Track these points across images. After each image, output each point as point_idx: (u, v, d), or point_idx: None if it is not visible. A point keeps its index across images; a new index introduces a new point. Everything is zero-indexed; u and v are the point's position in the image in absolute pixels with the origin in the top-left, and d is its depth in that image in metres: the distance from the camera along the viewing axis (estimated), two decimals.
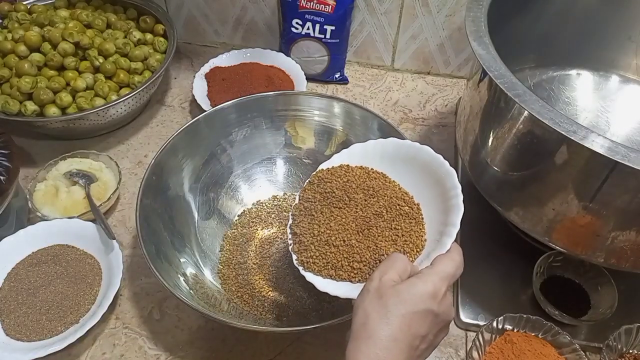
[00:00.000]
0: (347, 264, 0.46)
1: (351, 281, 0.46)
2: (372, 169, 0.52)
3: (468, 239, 0.69)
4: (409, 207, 0.49)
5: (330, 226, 0.48)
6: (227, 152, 0.72)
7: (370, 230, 0.47)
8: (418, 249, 0.46)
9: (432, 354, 0.59)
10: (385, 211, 0.48)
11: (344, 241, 0.47)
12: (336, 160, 0.54)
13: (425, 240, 0.47)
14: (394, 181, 0.51)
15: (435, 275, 0.40)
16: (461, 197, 0.46)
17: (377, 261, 0.45)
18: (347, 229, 0.47)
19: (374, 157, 0.53)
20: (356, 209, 0.48)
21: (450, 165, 0.48)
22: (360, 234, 0.47)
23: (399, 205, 0.48)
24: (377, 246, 0.46)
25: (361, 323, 0.38)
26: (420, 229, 0.48)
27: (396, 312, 0.37)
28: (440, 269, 0.41)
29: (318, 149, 0.68)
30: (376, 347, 0.37)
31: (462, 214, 0.45)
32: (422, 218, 0.48)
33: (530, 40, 0.75)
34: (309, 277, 0.47)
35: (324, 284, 0.46)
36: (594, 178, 0.47)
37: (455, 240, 0.44)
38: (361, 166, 0.52)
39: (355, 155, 0.53)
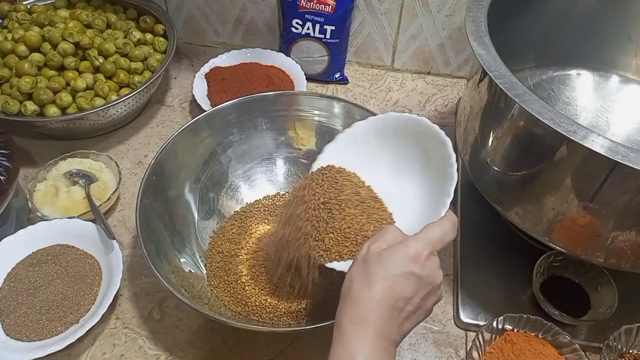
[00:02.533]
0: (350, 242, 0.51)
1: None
2: (337, 167, 0.55)
3: (468, 239, 0.69)
4: (365, 191, 0.53)
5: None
6: (227, 152, 0.72)
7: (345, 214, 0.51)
8: (387, 219, 0.51)
9: (432, 353, 0.60)
10: (348, 199, 0.52)
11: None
12: (326, 157, 0.56)
13: (390, 212, 0.52)
14: (352, 173, 0.55)
15: (418, 240, 0.42)
16: (455, 166, 0.47)
17: (363, 236, 0.50)
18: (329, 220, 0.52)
19: (368, 135, 0.55)
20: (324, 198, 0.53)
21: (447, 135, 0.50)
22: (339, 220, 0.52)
23: (357, 193, 0.53)
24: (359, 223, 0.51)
25: (347, 288, 0.41)
26: (379, 205, 0.52)
27: (377, 275, 0.39)
28: (424, 234, 0.42)
29: (319, 149, 0.68)
30: (358, 308, 0.39)
31: (455, 183, 0.46)
32: (377, 195, 0.53)
33: (530, 40, 0.75)
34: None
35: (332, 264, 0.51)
36: (594, 178, 0.48)
37: (452, 209, 0.46)
38: (322, 167, 0.55)
39: (347, 140, 0.56)
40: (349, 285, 0.41)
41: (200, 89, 0.87)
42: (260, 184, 0.74)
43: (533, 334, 0.58)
